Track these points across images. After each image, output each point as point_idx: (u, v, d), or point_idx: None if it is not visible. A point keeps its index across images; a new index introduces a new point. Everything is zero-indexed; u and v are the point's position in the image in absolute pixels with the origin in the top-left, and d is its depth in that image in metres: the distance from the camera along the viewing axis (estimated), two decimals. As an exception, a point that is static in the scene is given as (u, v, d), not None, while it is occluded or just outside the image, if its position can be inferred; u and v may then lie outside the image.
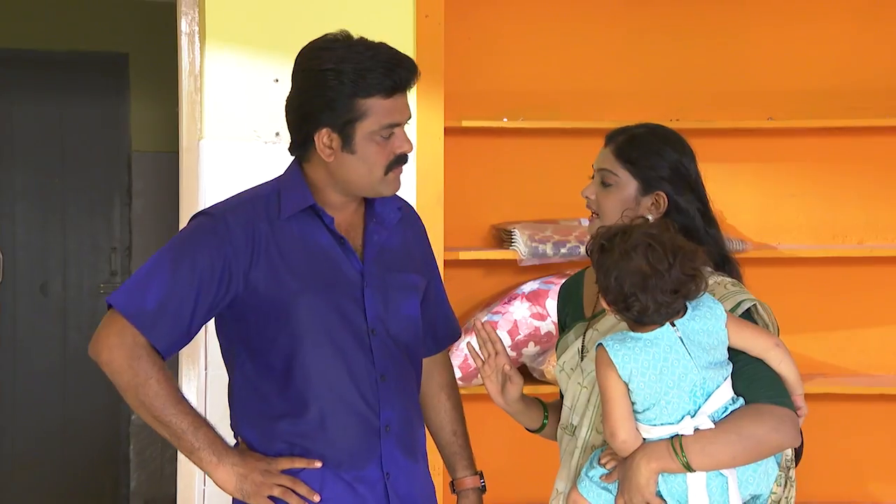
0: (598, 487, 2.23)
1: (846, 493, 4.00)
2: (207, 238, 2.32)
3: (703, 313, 2.18)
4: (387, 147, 2.34)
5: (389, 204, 2.48)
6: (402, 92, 2.34)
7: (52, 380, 5.94)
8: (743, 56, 3.98)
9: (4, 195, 5.85)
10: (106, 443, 5.98)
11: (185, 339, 2.34)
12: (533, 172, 3.87)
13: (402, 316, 2.44)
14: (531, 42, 3.91)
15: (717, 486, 2.16)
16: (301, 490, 2.32)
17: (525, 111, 3.81)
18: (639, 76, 3.94)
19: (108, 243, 6.00)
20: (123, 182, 5.97)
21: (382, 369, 2.39)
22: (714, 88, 3.96)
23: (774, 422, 2.17)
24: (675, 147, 2.40)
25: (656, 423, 2.17)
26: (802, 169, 4.02)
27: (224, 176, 3.50)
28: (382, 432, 2.39)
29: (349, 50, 2.33)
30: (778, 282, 3.99)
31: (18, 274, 5.91)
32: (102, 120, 5.95)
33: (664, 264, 2.12)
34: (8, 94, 5.84)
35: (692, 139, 3.88)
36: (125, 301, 2.28)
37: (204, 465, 2.31)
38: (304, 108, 2.35)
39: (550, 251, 3.67)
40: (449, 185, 3.62)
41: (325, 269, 2.37)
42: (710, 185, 3.92)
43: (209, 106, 3.52)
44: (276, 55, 3.51)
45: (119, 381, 2.29)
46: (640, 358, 2.14)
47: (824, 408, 3.91)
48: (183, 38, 3.55)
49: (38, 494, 5.91)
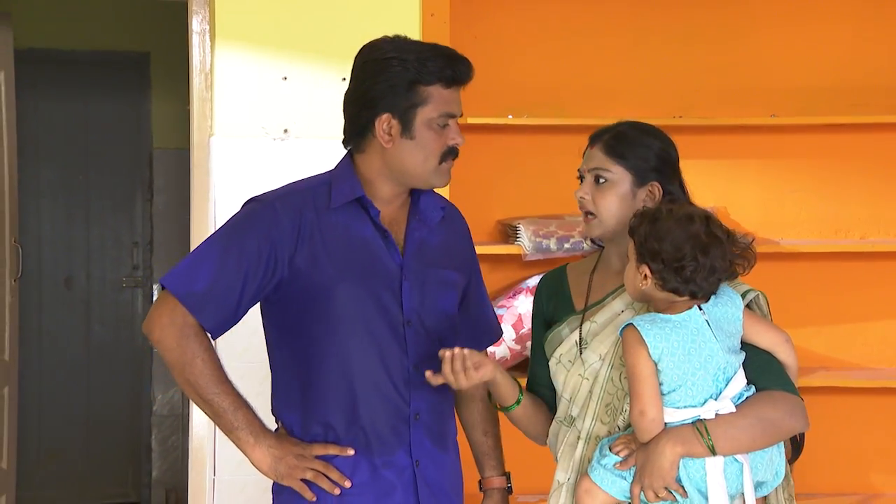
0: (612, 475, 2.27)
1: (848, 484, 4.02)
2: (256, 224, 2.41)
3: (724, 301, 2.26)
4: (442, 136, 2.43)
5: (433, 203, 2.56)
6: (460, 85, 2.44)
7: (77, 371, 6.05)
8: (747, 53, 4.00)
9: (30, 191, 5.94)
10: (128, 432, 6.08)
11: (232, 321, 2.43)
12: (538, 169, 3.90)
13: (438, 310, 2.51)
14: (536, 39, 3.94)
15: (732, 471, 2.22)
16: (333, 475, 2.40)
17: (530, 108, 3.84)
18: (643, 73, 3.97)
19: (130, 238, 6.10)
20: (145, 178, 6.06)
21: (415, 359, 2.46)
22: (718, 85, 3.98)
23: (789, 407, 2.27)
24: (658, 137, 2.46)
25: (680, 406, 2.22)
26: (806, 165, 4.04)
27: (234, 172, 3.57)
28: (412, 420, 2.47)
29: (409, 42, 2.44)
30: (781, 276, 4.01)
31: (43, 268, 6.02)
32: (125, 118, 6.05)
33: (722, 234, 2.21)
34: (34, 93, 5.93)
35: (696, 136, 3.96)
36: (177, 283, 2.38)
37: (241, 444, 2.40)
38: (366, 96, 2.43)
39: (554, 246, 3.72)
40: (455, 180, 3.62)
41: (365, 260, 2.45)
42: (714, 181, 4.03)
43: (219, 103, 3.58)
44: (284, 53, 3.59)
45: (168, 359, 2.39)
46: (670, 338, 2.20)
47: (827, 401, 3.95)
48: (194, 37, 3.61)
49: (62, 482, 6.02)
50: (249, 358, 3.17)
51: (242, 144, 3.59)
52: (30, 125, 5.91)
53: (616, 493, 2.27)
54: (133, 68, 6.02)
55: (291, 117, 3.61)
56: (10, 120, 4.22)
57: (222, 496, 3.57)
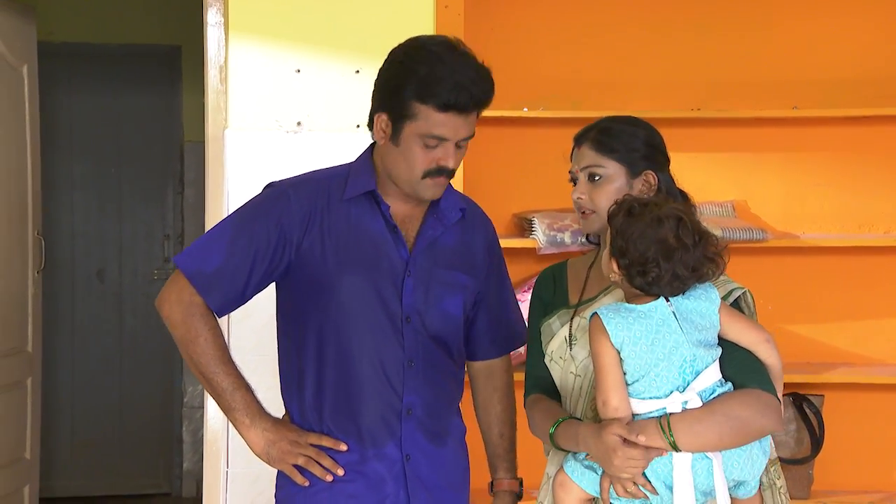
0: (583, 467, 2.27)
1: (870, 481, 3.96)
2: (268, 209, 2.46)
3: (698, 294, 2.23)
4: (430, 154, 2.42)
5: (453, 202, 2.56)
6: (460, 112, 2.39)
7: (109, 363, 6.11)
8: (768, 45, 3.95)
9: (63, 184, 6.02)
10: (160, 424, 6.13)
11: (239, 302, 2.48)
12: (553, 162, 3.86)
13: (440, 311, 2.52)
14: (551, 31, 3.91)
15: (702, 468, 2.19)
16: (326, 462, 2.44)
17: (546, 101, 3.81)
18: (660, 65, 3.93)
19: (162, 230, 6.14)
20: (176, 171, 6.10)
21: (411, 355, 2.48)
22: (738, 78, 3.93)
23: (761, 406, 2.21)
24: (642, 126, 2.45)
25: (645, 397, 2.20)
26: (828, 158, 3.98)
27: (248, 165, 3.59)
28: (404, 415, 2.48)
29: (438, 55, 2.39)
30: (802, 271, 3.97)
31: (76, 260, 6.09)
32: (156, 111, 6.09)
33: (691, 240, 2.18)
34: (67, 87, 6.00)
35: (716, 129, 3.92)
36: (188, 262, 2.45)
37: (237, 424, 2.45)
38: (376, 89, 2.47)
39: (568, 239, 3.69)
40: (471, 174, 3.65)
41: (370, 253, 2.47)
42: (734, 174, 3.99)
43: (234, 96, 3.60)
44: (298, 45, 3.60)
45: (174, 335, 2.46)
46: (632, 328, 2.18)
47: (850, 397, 3.91)
48: (209, 29, 3.62)
49: (95, 473, 6.08)
50: (262, 351, 3.19)
51: (256, 137, 3.61)
52: (63, 119, 5.99)
53: (587, 487, 2.26)
54: (164, 62, 6.06)
55: (305, 110, 3.61)
56: (34, 113, 4.27)
57: (235, 487, 3.60)
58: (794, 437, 3.80)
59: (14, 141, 4.12)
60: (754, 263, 3.86)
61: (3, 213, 3.98)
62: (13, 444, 4.17)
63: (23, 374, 4.21)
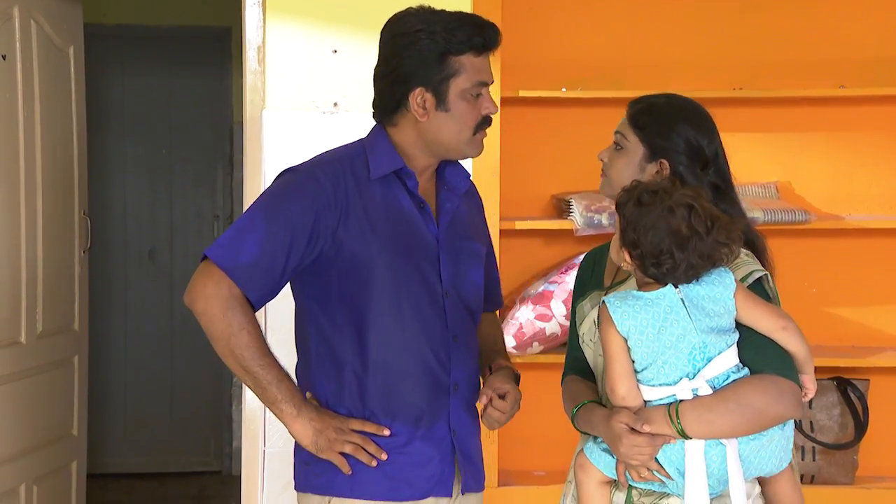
0: (600, 451, 2.25)
1: (917, 469, 3.91)
2: (298, 194, 2.41)
3: (711, 279, 2.18)
4: (476, 106, 2.43)
5: (460, 172, 2.56)
6: (490, 52, 2.44)
7: (160, 342, 6.18)
8: (813, 23, 3.88)
9: (116, 165, 6.09)
10: (211, 403, 6.19)
11: (275, 292, 2.44)
12: (592, 143, 3.81)
13: (469, 282, 2.53)
14: (591, 10, 3.87)
15: (716, 455, 2.15)
16: (371, 448, 2.42)
17: (584, 81, 3.77)
18: (701, 43, 3.87)
19: (212, 211, 6.19)
20: (226, 152, 6.13)
21: (455, 330, 2.48)
22: (783, 56, 3.87)
23: (776, 392, 2.15)
24: (690, 121, 2.38)
25: (654, 384, 2.17)
26: (875, 138, 3.91)
27: (286, 145, 3.59)
28: (451, 391, 2.48)
29: (434, 13, 2.44)
30: (849, 254, 3.91)
31: (129, 241, 6.16)
32: (206, 92, 6.13)
33: (703, 227, 2.14)
34: (120, 69, 6.07)
35: (759, 108, 3.85)
36: (222, 255, 2.38)
37: (284, 416, 2.42)
38: (397, 71, 2.43)
39: (606, 221, 3.66)
40: (508, 155, 3.63)
41: (406, 232, 2.45)
42: (778, 155, 3.92)
43: (271, 77, 3.61)
44: (334, 26, 3.60)
45: (212, 330, 2.39)
46: (639, 316, 2.15)
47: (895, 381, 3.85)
48: (247, 10, 3.64)
49: (147, 451, 6.17)
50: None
51: (293, 118, 3.61)
52: (114, 101, 6.05)
53: (605, 470, 2.24)
54: (214, 43, 6.10)
55: (341, 91, 3.61)
56: (80, 94, 4.30)
57: (273, 466, 3.63)
58: (838, 421, 3.75)
59: (61, 122, 4.16)
60: (798, 245, 3.81)
61: (49, 194, 4.02)
62: (61, 420, 4.22)
63: (70, 352, 4.25)
